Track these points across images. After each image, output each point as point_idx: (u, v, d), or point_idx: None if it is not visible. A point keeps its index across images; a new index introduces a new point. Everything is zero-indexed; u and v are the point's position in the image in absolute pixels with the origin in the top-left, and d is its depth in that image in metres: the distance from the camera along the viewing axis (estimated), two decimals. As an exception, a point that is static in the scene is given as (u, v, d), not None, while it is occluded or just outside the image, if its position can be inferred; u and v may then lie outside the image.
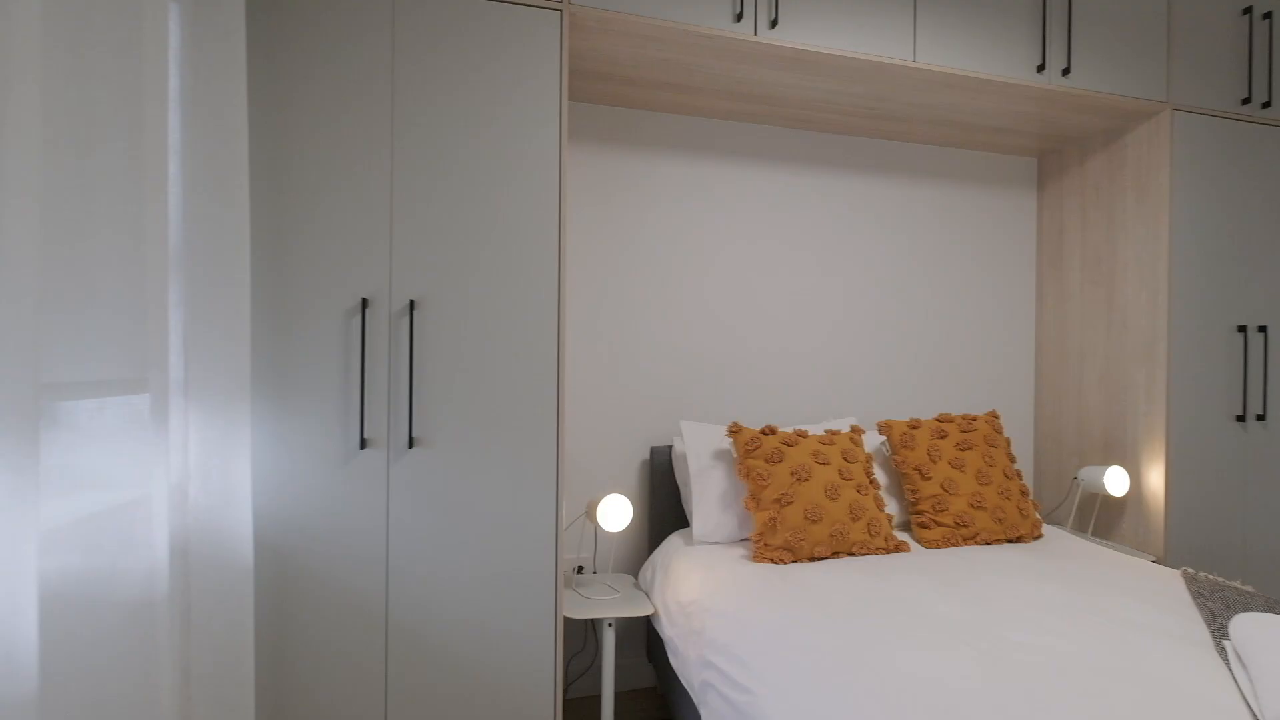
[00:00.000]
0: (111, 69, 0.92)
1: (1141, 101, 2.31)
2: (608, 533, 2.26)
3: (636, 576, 2.29)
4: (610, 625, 1.86)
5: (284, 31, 1.51)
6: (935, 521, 2.12)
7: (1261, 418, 2.47)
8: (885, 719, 1.15)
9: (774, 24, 1.90)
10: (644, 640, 2.33)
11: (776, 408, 2.49)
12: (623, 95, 2.24)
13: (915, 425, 2.27)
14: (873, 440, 2.39)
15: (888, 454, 2.34)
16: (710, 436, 2.15)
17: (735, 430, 2.06)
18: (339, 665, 1.54)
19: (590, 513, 1.93)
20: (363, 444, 1.53)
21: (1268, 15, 2.45)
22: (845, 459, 2.07)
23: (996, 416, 2.38)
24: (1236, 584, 1.78)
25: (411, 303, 1.57)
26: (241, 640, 1.22)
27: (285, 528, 1.50)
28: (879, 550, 1.98)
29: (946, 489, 2.14)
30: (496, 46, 1.66)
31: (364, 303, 1.53)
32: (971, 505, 2.12)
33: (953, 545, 2.08)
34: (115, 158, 0.92)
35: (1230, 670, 1.29)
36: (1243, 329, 2.45)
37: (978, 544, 2.10)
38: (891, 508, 2.25)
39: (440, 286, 1.62)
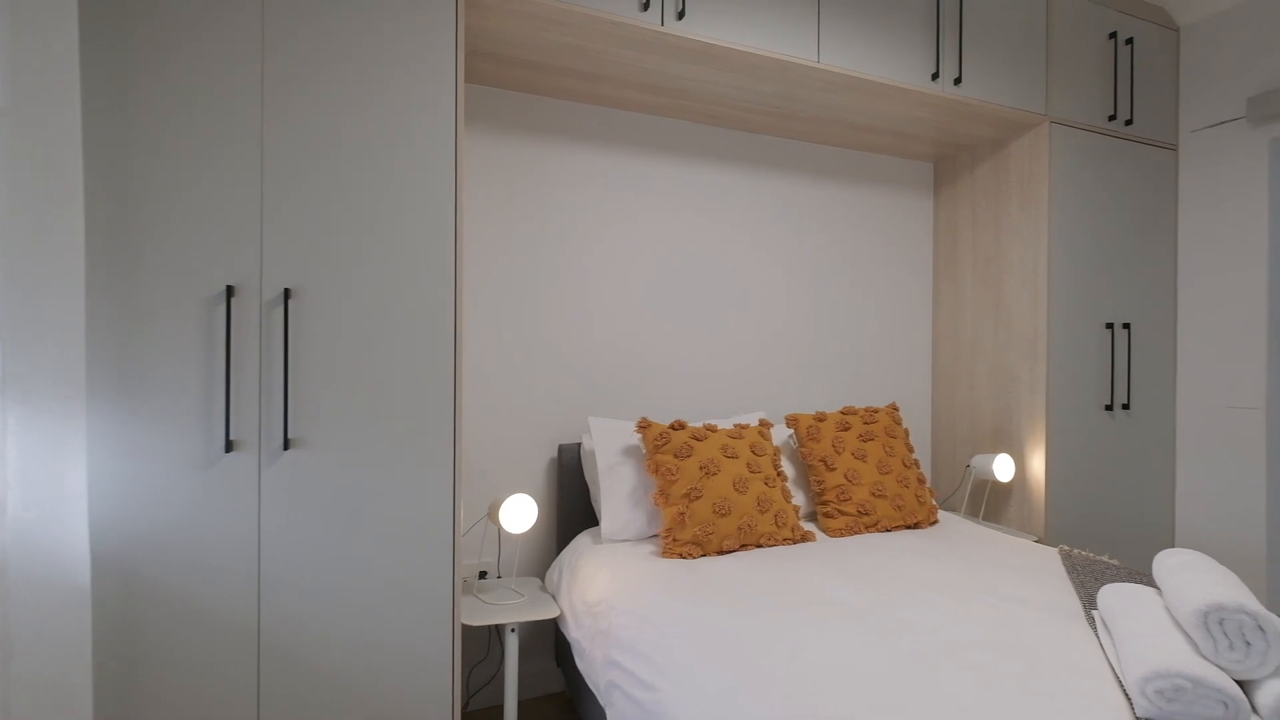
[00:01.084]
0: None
1: (1023, 113, 2.46)
2: (512, 535, 2.18)
3: (544, 579, 2.22)
4: (513, 631, 1.79)
5: (138, -12, 1.35)
6: (839, 511, 2.16)
7: (1126, 407, 2.68)
8: (785, 705, 1.16)
9: (681, 15, 1.88)
10: (553, 645, 2.27)
11: (686, 403, 2.49)
12: (528, 80, 2.17)
13: (821, 418, 2.31)
14: (781, 434, 2.42)
15: (795, 446, 2.38)
16: (619, 433, 2.11)
17: (644, 426, 2.03)
18: (201, 694, 1.39)
19: (492, 514, 1.85)
20: (229, 446, 1.39)
21: (1130, 41, 2.66)
22: (753, 452, 2.08)
23: (896, 408, 2.46)
24: (1105, 558, 1.92)
25: (286, 291, 1.44)
26: (76, 669, 1.07)
27: (133, 542, 1.34)
28: (786, 541, 2.01)
29: (850, 479, 2.19)
30: (385, 22, 1.56)
31: (229, 290, 1.39)
32: (873, 494, 2.18)
33: (856, 533, 2.14)
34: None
35: (1098, 637, 1.38)
36: (1110, 326, 2.65)
37: (879, 531, 2.17)
38: (799, 499, 2.29)
39: (321, 273, 1.50)
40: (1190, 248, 2.80)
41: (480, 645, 2.16)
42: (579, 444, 2.25)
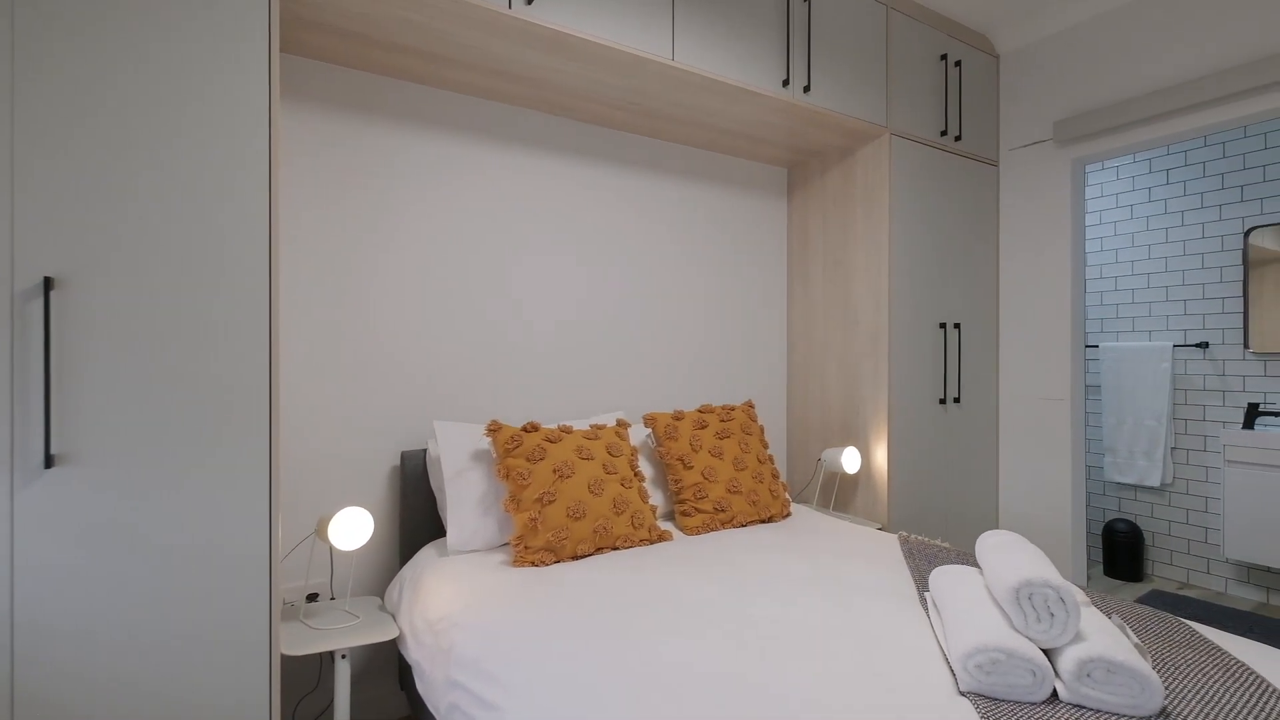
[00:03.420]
0: None
1: (867, 124, 2.59)
2: (346, 552, 1.99)
3: (384, 597, 2.05)
4: (344, 657, 1.62)
5: None
6: (696, 509, 2.17)
7: (957, 400, 2.91)
8: (631, 714, 1.12)
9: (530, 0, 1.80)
10: (397, 667, 2.10)
11: (541, 404, 2.40)
12: (369, 58, 2.00)
13: (679, 417, 2.31)
14: (639, 433, 2.39)
15: (653, 446, 2.36)
16: (468, 436, 1.99)
17: (495, 429, 1.92)
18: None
19: (321, 531, 1.68)
20: (-39, 464, 1.15)
21: (959, 63, 2.89)
22: (610, 453, 2.03)
23: (752, 406, 2.51)
24: (938, 542, 2.04)
25: (48, 280, 1.21)
26: None
27: None
28: (642, 542, 1.97)
29: (707, 476, 2.20)
30: (180, -30, 1.36)
31: (-39, 275, 1.15)
32: (729, 490, 2.20)
33: (712, 530, 2.15)
34: None
35: (929, 617, 1.45)
36: (943, 325, 2.85)
37: (734, 527, 2.19)
38: (657, 498, 2.27)
39: (96, 261, 1.27)
40: (1009, 255, 3.09)
41: (310, 675, 1.96)
42: (424, 450, 2.10)
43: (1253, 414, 3.14)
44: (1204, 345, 3.36)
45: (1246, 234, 3.25)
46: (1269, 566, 3.07)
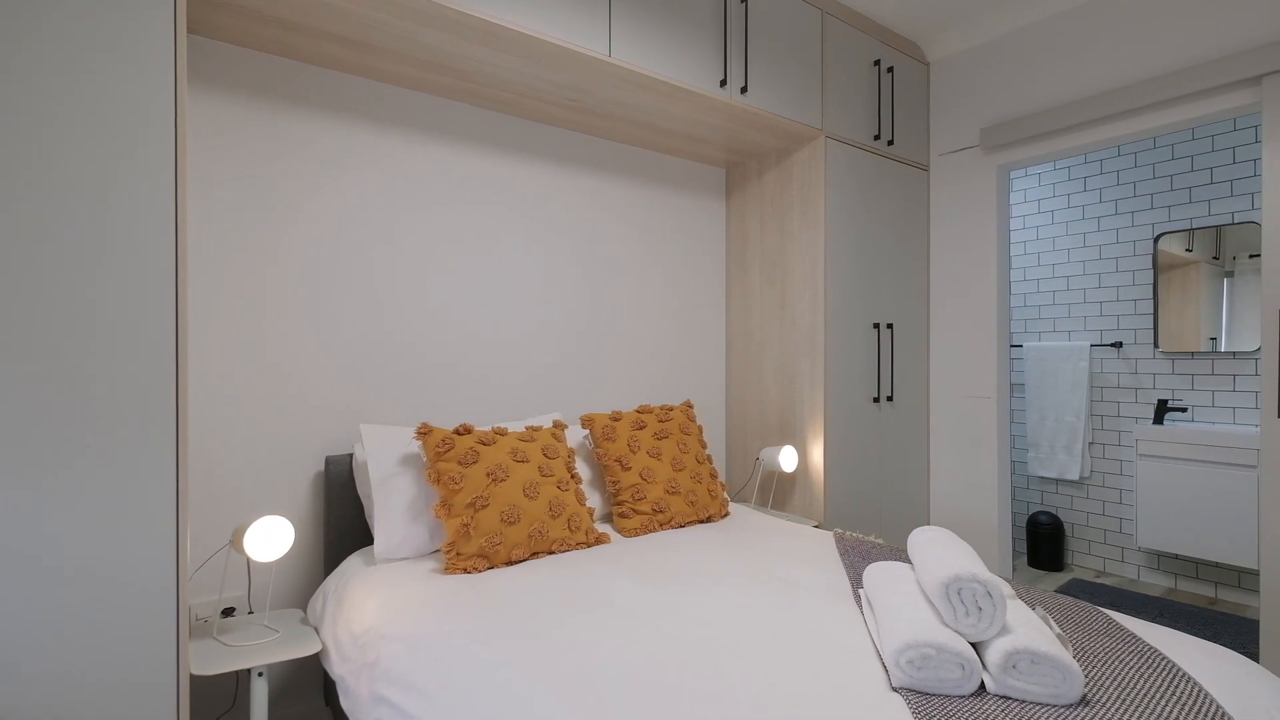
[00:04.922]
0: None
1: (803, 126, 2.62)
2: (264, 564, 1.89)
3: (307, 610, 1.96)
4: (260, 675, 1.53)
5: None
6: (634, 510, 2.14)
7: (890, 399, 2.97)
8: (566, 721, 1.09)
9: (462, -12, 1.74)
10: (321, 682, 2.00)
11: (475, 406, 2.33)
12: (284, 43, 1.89)
13: (616, 418, 2.28)
14: (577, 435, 2.36)
15: (591, 447, 2.33)
16: (396, 440, 1.91)
17: (425, 432, 1.85)
18: None
19: (236, 541, 1.57)
20: None
21: (891, 69, 2.96)
22: (546, 455, 1.99)
23: (690, 406, 2.51)
24: (872, 538, 2.08)
25: (-92, 269, 1.09)
26: None
27: None
28: (579, 545, 1.94)
29: (645, 477, 2.18)
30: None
31: None
32: (667, 491, 2.19)
33: (651, 531, 2.13)
34: None
35: (863, 614, 1.46)
36: (877, 325, 2.92)
37: (673, 528, 2.18)
38: (595, 500, 2.24)
39: (-34, 249, 1.16)
40: (938, 257, 3.18)
41: (226, 694, 1.84)
42: (350, 455, 2.01)
43: (1162, 410, 3.33)
44: (1118, 345, 3.55)
45: (1156, 240, 3.44)
46: (1176, 554, 3.26)
